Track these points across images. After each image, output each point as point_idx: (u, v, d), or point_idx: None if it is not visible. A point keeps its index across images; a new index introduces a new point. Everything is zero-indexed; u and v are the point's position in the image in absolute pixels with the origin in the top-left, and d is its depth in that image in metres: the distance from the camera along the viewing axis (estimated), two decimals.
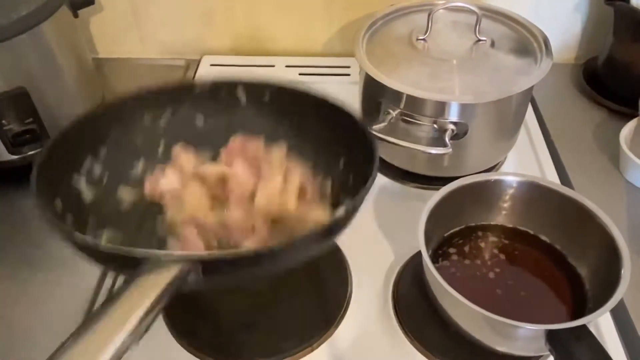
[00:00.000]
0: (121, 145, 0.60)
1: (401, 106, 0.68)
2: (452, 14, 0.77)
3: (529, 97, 0.73)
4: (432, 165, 0.73)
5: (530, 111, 0.87)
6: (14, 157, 0.73)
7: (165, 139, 0.62)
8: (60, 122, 0.74)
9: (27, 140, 0.73)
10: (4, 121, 0.70)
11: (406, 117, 0.68)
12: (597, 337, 0.47)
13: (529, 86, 0.67)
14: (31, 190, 0.49)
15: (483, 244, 0.62)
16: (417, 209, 0.57)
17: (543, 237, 0.62)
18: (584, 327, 0.47)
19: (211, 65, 0.99)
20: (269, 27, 0.99)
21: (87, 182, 0.57)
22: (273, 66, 0.98)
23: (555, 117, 0.87)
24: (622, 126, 0.77)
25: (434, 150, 0.66)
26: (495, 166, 0.78)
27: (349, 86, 0.88)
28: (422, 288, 0.59)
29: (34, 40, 0.70)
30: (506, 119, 0.72)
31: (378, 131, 0.67)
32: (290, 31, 0.99)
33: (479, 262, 0.60)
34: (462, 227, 0.63)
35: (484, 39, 0.72)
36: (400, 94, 0.67)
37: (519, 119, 0.75)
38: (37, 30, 0.70)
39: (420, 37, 0.73)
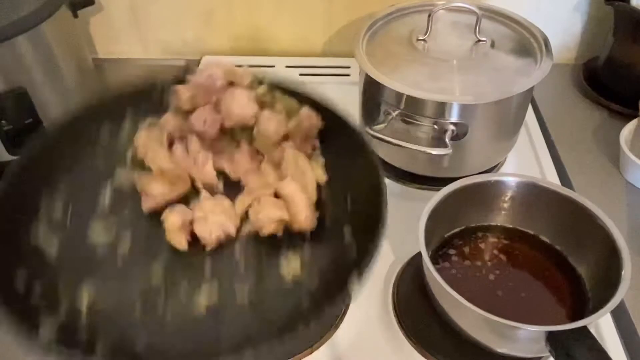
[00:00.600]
0: (78, 173, 0.53)
1: (401, 107, 0.68)
2: (452, 14, 0.77)
3: (529, 97, 0.73)
4: (432, 165, 0.73)
5: (530, 111, 0.87)
6: (14, 157, 0.73)
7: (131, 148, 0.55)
8: None
9: (27, 140, 0.73)
10: (3, 121, 0.70)
11: (406, 117, 0.68)
12: (597, 338, 0.47)
13: (529, 86, 0.67)
14: None
15: (483, 245, 0.62)
16: (417, 210, 0.58)
17: (543, 237, 0.62)
18: (584, 329, 0.47)
19: None
20: (269, 27, 0.99)
21: (48, 230, 0.49)
22: (273, 66, 0.98)
23: (555, 118, 0.87)
24: (622, 126, 0.77)
25: (434, 151, 0.66)
26: (495, 167, 0.78)
27: (349, 86, 0.88)
28: (422, 289, 0.59)
29: (34, 40, 0.70)
30: (506, 119, 0.72)
31: (378, 132, 0.67)
32: (290, 31, 0.99)
33: (479, 263, 0.60)
34: (462, 228, 0.63)
35: (484, 39, 0.72)
36: (400, 95, 0.67)
37: (519, 119, 0.75)
38: (37, 30, 0.70)
39: (420, 38, 0.73)
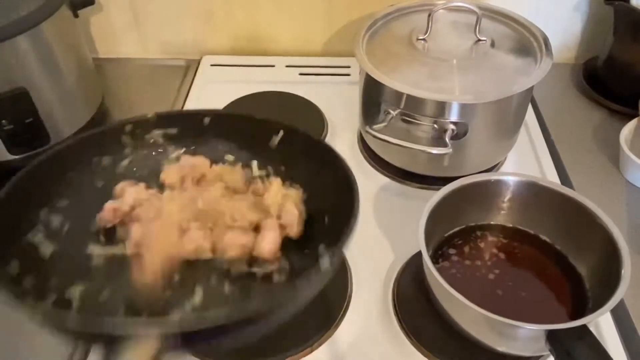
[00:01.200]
0: (81, 190, 0.57)
1: (401, 106, 0.68)
2: (452, 14, 0.77)
3: (529, 97, 0.73)
4: (432, 165, 0.73)
5: (530, 111, 0.87)
6: (14, 157, 0.73)
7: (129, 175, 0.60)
8: (60, 122, 0.76)
9: (28, 140, 0.73)
10: (3, 121, 0.70)
11: (406, 117, 0.68)
12: (597, 337, 0.47)
13: (529, 86, 0.67)
14: None
15: (483, 244, 0.62)
16: (417, 209, 0.58)
17: (543, 237, 0.62)
18: (584, 327, 0.47)
19: (211, 65, 0.99)
20: (269, 27, 0.99)
21: (45, 235, 0.53)
22: (273, 66, 0.98)
23: (555, 117, 0.87)
24: (622, 126, 0.77)
25: (434, 150, 0.66)
26: (495, 166, 0.78)
27: (349, 86, 0.88)
28: (422, 288, 0.59)
29: (34, 40, 0.70)
30: (506, 119, 0.72)
31: (378, 131, 0.67)
32: (290, 31, 0.99)
33: (479, 262, 0.60)
34: (462, 227, 0.63)
35: (484, 39, 0.72)
36: (400, 94, 0.67)
37: (519, 119, 0.75)
38: (37, 30, 0.70)
39: (420, 37, 0.73)
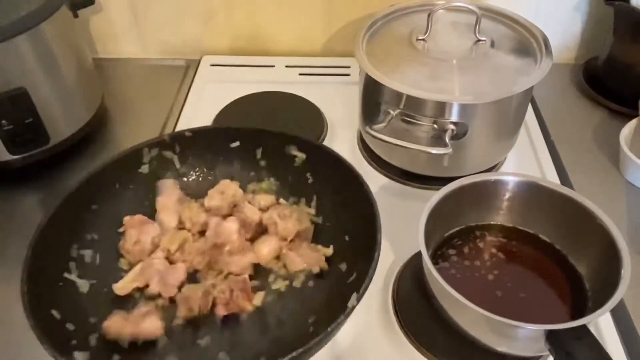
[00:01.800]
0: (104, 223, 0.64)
1: (401, 106, 0.68)
2: (452, 14, 0.77)
3: (529, 97, 0.73)
4: (432, 165, 0.73)
5: (530, 111, 0.87)
6: (14, 157, 0.73)
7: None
8: (60, 123, 0.76)
9: (27, 140, 0.73)
10: (3, 121, 0.70)
11: (406, 117, 0.68)
12: (597, 337, 0.47)
13: (529, 86, 0.67)
14: (25, 312, 0.50)
15: (483, 245, 0.62)
16: (417, 209, 0.57)
17: (543, 237, 0.62)
18: (584, 327, 0.47)
19: (211, 65, 0.99)
20: (269, 27, 0.99)
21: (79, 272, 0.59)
22: (273, 66, 0.98)
23: (555, 117, 0.87)
24: (622, 126, 0.77)
25: (434, 151, 0.66)
26: (495, 166, 0.78)
27: (349, 86, 0.88)
28: (422, 288, 0.59)
29: (34, 40, 0.70)
30: (506, 119, 0.72)
31: (378, 131, 0.67)
32: (290, 31, 0.99)
33: (479, 262, 0.60)
34: (462, 227, 0.63)
35: (484, 39, 0.72)
36: (400, 94, 0.67)
37: (519, 119, 0.75)
38: (37, 30, 0.70)
39: (420, 37, 0.73)
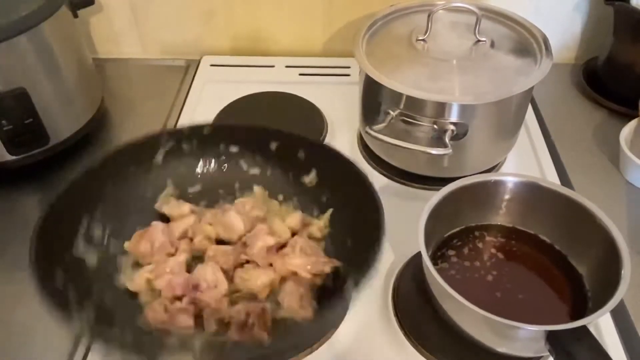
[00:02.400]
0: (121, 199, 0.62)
1: (401, 107, 0.68)
2: (452, 15, 0.77)
3: (529, 97, 0.73)
4: (432, 165, 0.73)
5: (530, 111, 0.87)
6: (14, 157, 0.73)
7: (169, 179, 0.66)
8: (60, 123, 0.76)
9: (27, 140, 0.73)
10: (3, 121, 0.70)
11: (406, 117, 0.68)
12: (597, 337, 0.47)
13: (529, 86, 0.67)
14: (30, 263, 0.49)
15: (483, 245, 0.62)
16: (417, 209, 0.58)
17: (543, 237, 0.62)
18: (584, 328, 0.47)
19: (211, 65, 0.99)
20: (269, 27, 0.99)
21: (86, 243, 0.57)
22: (273, 66, 0.98)
23: (555, 117, 0.87)
24: (622, 126, 0.77)
25: (434, 151, 0.66)
26: (495, 166, 0.78)
27: (349, 86, 0.88)
28: (422, 288, 0.59)
29: (34, 40, 0.70)
30: (506, 119, 0.72)
31: (378, 132, 0.67)
32: (290, 31, 0.99)
33: (479, 263, 0.60)
34: (462, 228, 0.63)
35: (484, 39, 0.72)
36: (400, 95, 0.67)
37: (519, 119, 0.75)
38: (37, 30, 0.70)
39: (420, 38, 0.73)
